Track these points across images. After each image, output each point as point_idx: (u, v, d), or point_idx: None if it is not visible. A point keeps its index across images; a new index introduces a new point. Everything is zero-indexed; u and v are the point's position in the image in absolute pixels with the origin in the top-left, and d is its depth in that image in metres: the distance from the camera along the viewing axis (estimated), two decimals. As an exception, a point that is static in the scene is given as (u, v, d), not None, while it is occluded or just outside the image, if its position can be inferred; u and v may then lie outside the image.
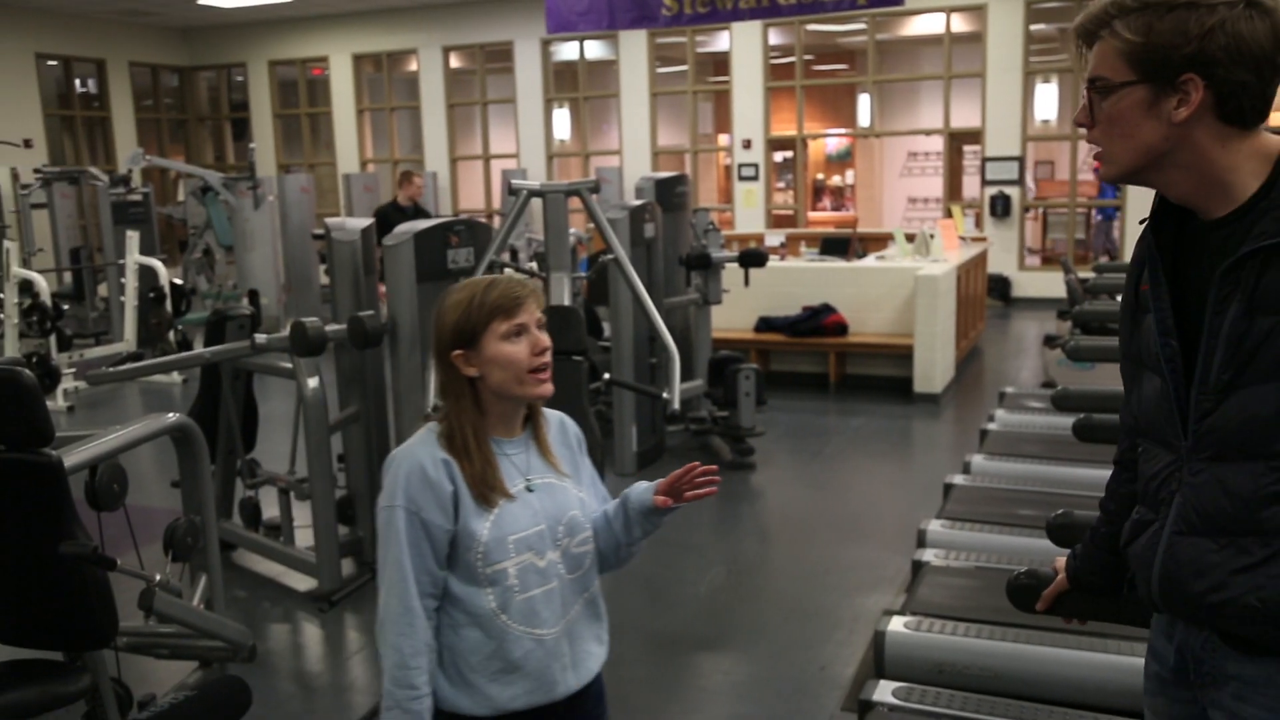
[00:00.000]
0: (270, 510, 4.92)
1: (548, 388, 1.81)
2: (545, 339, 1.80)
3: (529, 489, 1.83)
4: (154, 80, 16.59)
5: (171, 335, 8.88)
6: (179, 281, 9.55)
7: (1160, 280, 1.51)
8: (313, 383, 4.31)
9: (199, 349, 4.93)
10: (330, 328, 4.26)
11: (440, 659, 1.80)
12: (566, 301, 4.76)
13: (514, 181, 4.82)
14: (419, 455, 1.78)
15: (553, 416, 1.96)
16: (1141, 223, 1.58)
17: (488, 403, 1.82)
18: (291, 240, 11.90)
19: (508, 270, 4.36)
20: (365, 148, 16.05)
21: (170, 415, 3.12)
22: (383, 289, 4.69)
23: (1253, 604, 1.44)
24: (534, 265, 5.94)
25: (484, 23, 14.62)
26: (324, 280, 10.21)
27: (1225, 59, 1.37)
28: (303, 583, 4.57)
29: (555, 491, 1.85)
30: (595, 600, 1.92)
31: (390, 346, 4.42)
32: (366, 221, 4.85)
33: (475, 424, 1.80)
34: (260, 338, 4.37)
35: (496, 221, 12.43)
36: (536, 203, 4.91)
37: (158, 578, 2.80)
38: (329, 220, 4.90)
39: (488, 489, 1.78)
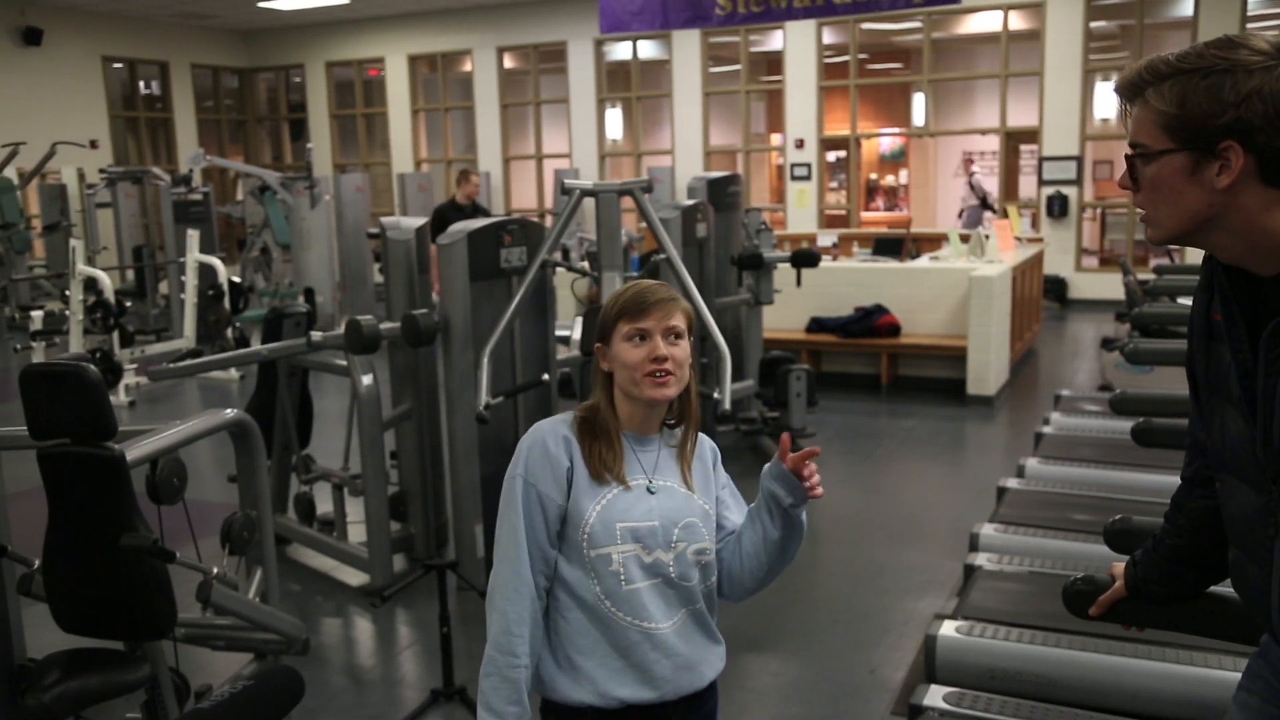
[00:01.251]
0: (324, 506, 4.99)
1: (662, 392, 1.82)
2: (665, 349, 1.80)
3: (650, 489, 1.84)
4: (215, 82, 16.89)
5: (230, 332, 9.04)
6: (237, 279, 9.72)
7: (1236, 320, 1.45)
8: (367, 380, 4.36)
9: (256, 346, 5.01)
10: (384, 326, 4.30)
11: (549, 642, 1.83)
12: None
13: (566, 181, 4.84)
14: (544, 430, 1.85)
15: (705, 438, 1.98)
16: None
17: (619, 399, 1.87)
18: (347, 239, 12.04)
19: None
20: (420, 148, 16.20)
21: (228, 411, 3.17)
22: (437, 287, 4.74)
23: None
24: (586, 264, 5.96)
25: (537, 23, 14.69)
26: (378, 279, 10.32)
27: (1265, 125, 1.31)
28: (355, 578, 4.63)
29: (677, 496, 1.86)
30: (704, 618, 1.90)
31: (443, 345, 4.45)
32: (421, 220, 4.90)
33: (609, 414, 1.86)
34: (316, 335, 4.43)
35: (549, 221, 12.50)
36: (589, 202, 4.92)
37: (215, 570, 2.85)
38: (384, 219, 4.95)
39: (605, 467, 1.81)
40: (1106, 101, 12.24)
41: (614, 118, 14.87)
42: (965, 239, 8.93)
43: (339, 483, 4.75)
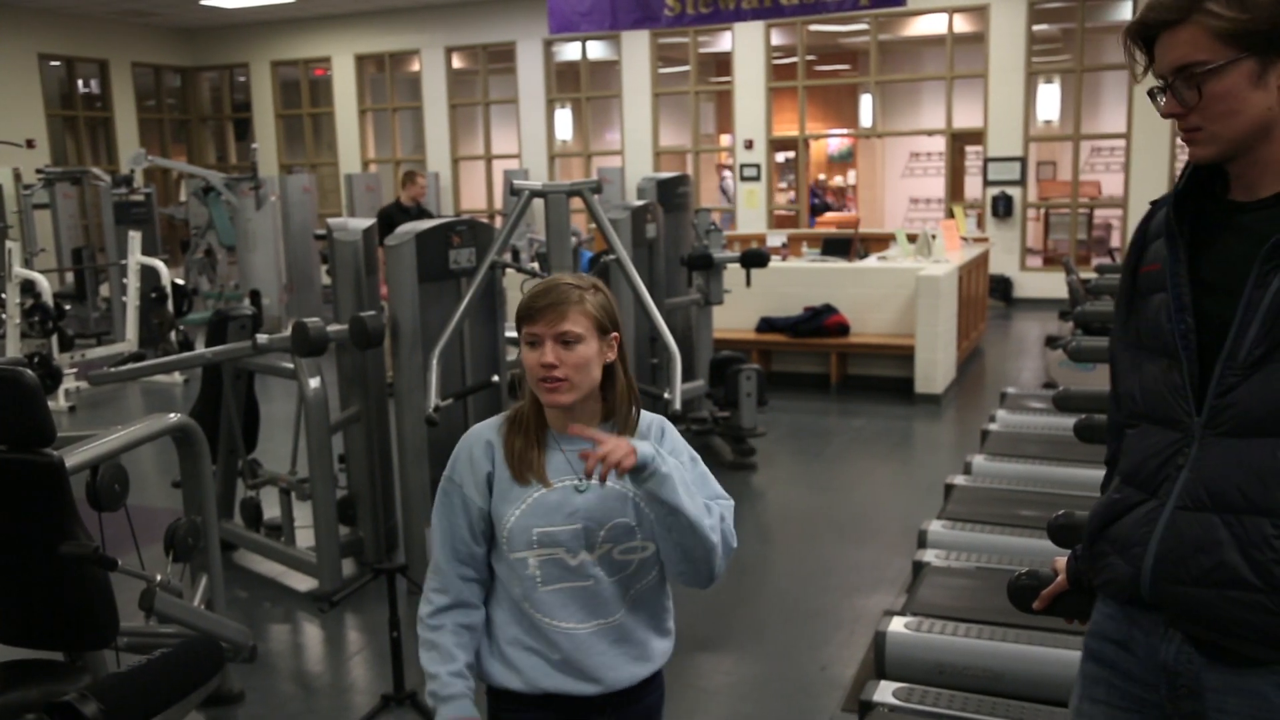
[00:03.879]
0: (271, 510, 4.93)
1: (554, 398, 1.79)
2: (552, 355, 1.76)
3: (578, 489, 1.81)
4: (156, 80, 16.61)
5: (173, 335, 8.89)
6: (181, 282, 9.56)
7: (1180, 258, 1.53)
8: (314, 383, 4.31)
9: (201, 349, 4.94)
10: (332, 328, 4.26)
11: (487, 629, 1.88)
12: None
13: (516, 182, 4.82)
14: (472, 435, 1.89)
15: (653, 423, 1.91)
16: (1154, 204, 1.63)
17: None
18: (293, 240, 11.91)
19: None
20: (367, 148, 16.06)
21: (171, 415, 3.12)
22: (385, 289, 4.69)
23: (1253, 582, 1.44)
24: (536, 265, 5.94)
25: (486, 23, 14.62)
26: (326, 280, 10.21)
27: None
28: (303, 583, 4.58)
29: (610, 496, 1.81)
30: (650, 608, 1.89)
31: (392, 347, 4.42)
32: (368, 221, 4.85)
33: (534, 410, 1.85)
34: (262, 338, 4.37)
35: (498, 222, 12.44)
36: (538, 203, 4.90)
37: (158, 578, 2.80)
38: (331, 220, 4.90)
39: (524, 467, 1.81)
40: (1049, 103, 12.45)
41: (563, 118, 14.85)
42: (913, 239, 9.03)
43: (286, 487, 4.70)
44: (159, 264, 9.29)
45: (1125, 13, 11.94)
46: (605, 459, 1.62)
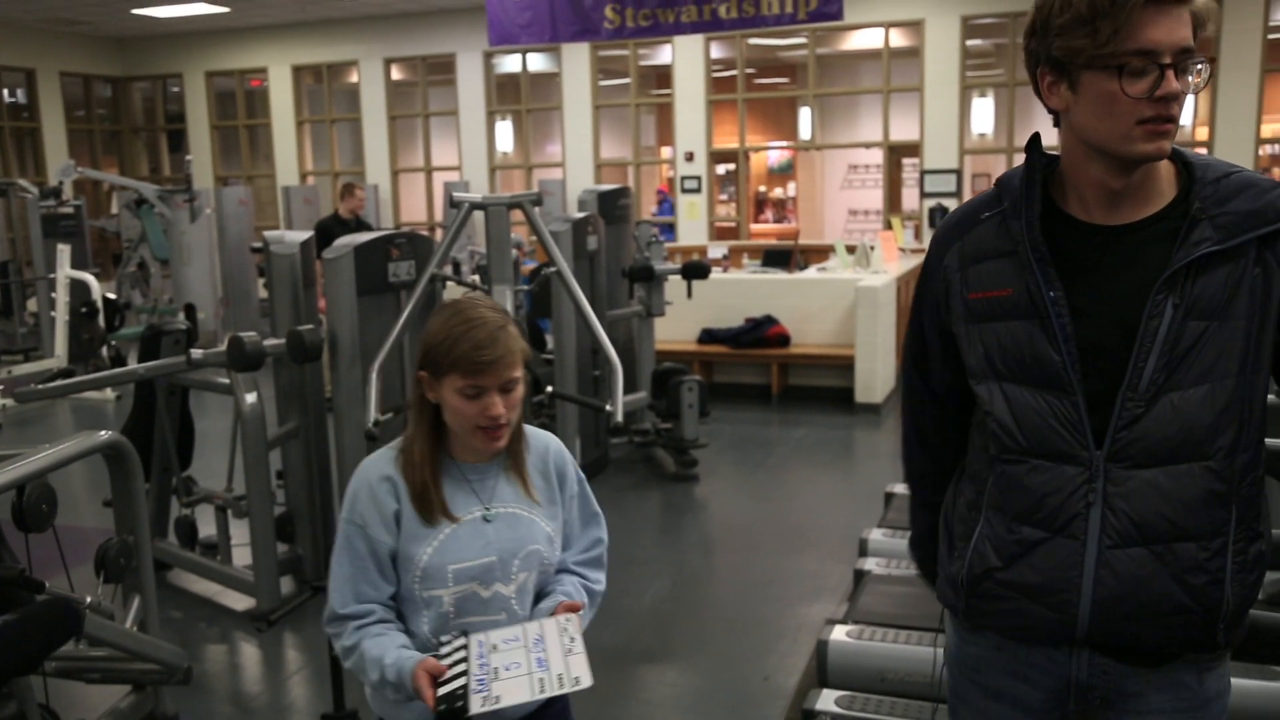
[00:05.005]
0: (207, 529, 4.83)
1: (495, 445, 1.77)
2: (501, 407, 1.73)
3: (486, 518, 1.78)
4: (86, 90, 16.27)
5: (104, 351, 8.69)
6: (112, 296, 9.37)
7: (1056, 283, 1.47)
8: (250, 398, 4.24)
9: (133, 365, 4.83)
10: (269, 342, 4.20)
11: None
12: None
13: (455, 194, 4.80)
14: (369, 471, 1.80)
15: (538, 440, 1.90)
16: (986, 217, 1.55)
17: (450, 428, 1.79)
18: (229, 253, 11.71)
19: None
20: (305, 160, 15.87)
21: (102, 433, 3.05)
22: (323, 303, 4.64)
23: (1189, 605, 1.46)
24: (476, 278, 5.91)
25: (425, 35, 14.54)
26: (263, 294, 10.06)
27: None
28: (240, 602, 4.49)
29: (518, 523, 1.80)
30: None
31: (330, 361, 4.37)
32: (306, 234, 4.79)
33: (429, 444, 1.77)
34: (196, 353, 4.30)
35: (439, 234, 12.36)
36: (479, 215, 4.88)
37: (88, 600, 2.73)
38: (267, 233, 4.83)
39: (429, 507, 1.75)
40: (983, 116, 12.68)
41: (504, 130, 14.80)
42: (851, 250, 9.13)
43: (222, 504, 4.61)
44: (89, 278, 9.08)
45: (1055, 29, 12.17)
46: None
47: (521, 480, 1.83)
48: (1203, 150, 10.86)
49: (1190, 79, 1.40)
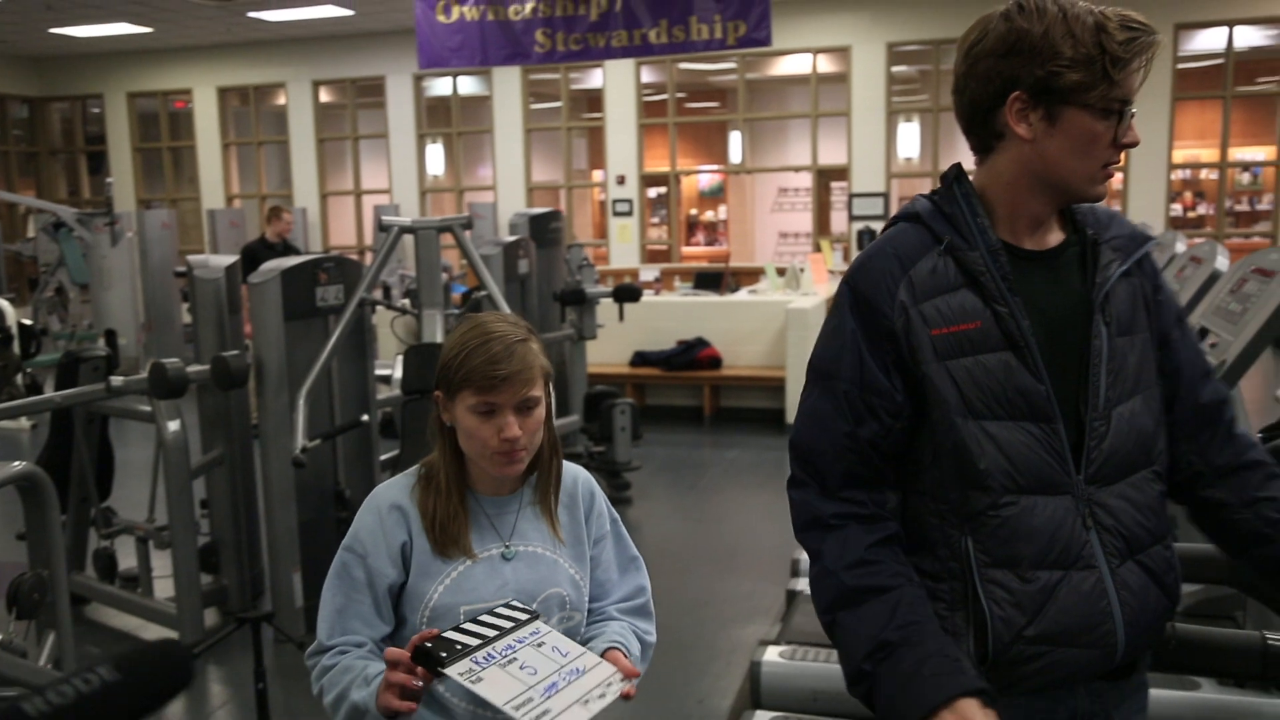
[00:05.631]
0: (127, 561, 4.70)
1: (512, 469, 1.63)
2: (516, 428, 1.58)
3: (505, 556, 1.64)
4: (1, 111, 15.86)
5: (19, 379, 8.43)
6: (28, 322, 9.09)
7: (1023, 313, 1.45)
8: (173, 426, 4.15)
9: (50, 393, 4.70)
10: (192, 368, 4.11)
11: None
12: (439, 339, 4.71)
13: (385, 218, 4.75)
14: (380, 499, 1.67)
15: (565, 474, 1.74)
16: (943, 253, 1.47)
17: (467, 455, 1.66)
18: (152, 278, 11.46)
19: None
20: (231, 183, 15.62)
21: (16, 464, 2.96)
22: (249, 328, 4.56)
23: (1169, 605, 1.52)
24: (406, 302, 5.85)
25: (354, 57, 14.44)
26: (187, 319, 9.86)
27: None
28: (162, 635, 4.37)
29: (539, 563, 1.66)
30: None
31: (257, 387, 4.29)
32: (231, 258, 4.72)
33: (453, 470, 1.65)
34: (116, 380, 4.19)
35: (368, 258, 12.22)
36: (409, 238, 4.84)
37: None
38: (192, 257, 4.75)
39: (448, 541, 1.62)
40: (909, 141, 12.93)
41: (435, 153, 14.73)
42: (782, 272, 9.23)
43: (144, 535, 4.49)
44: (3, 303, 8.81)
45: (976, 56, 12.48)
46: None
47: (548, 516, 1.69)
48: (1119, 177, 11.21)
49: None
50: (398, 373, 6.19)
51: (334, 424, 4.46)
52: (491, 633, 1.53)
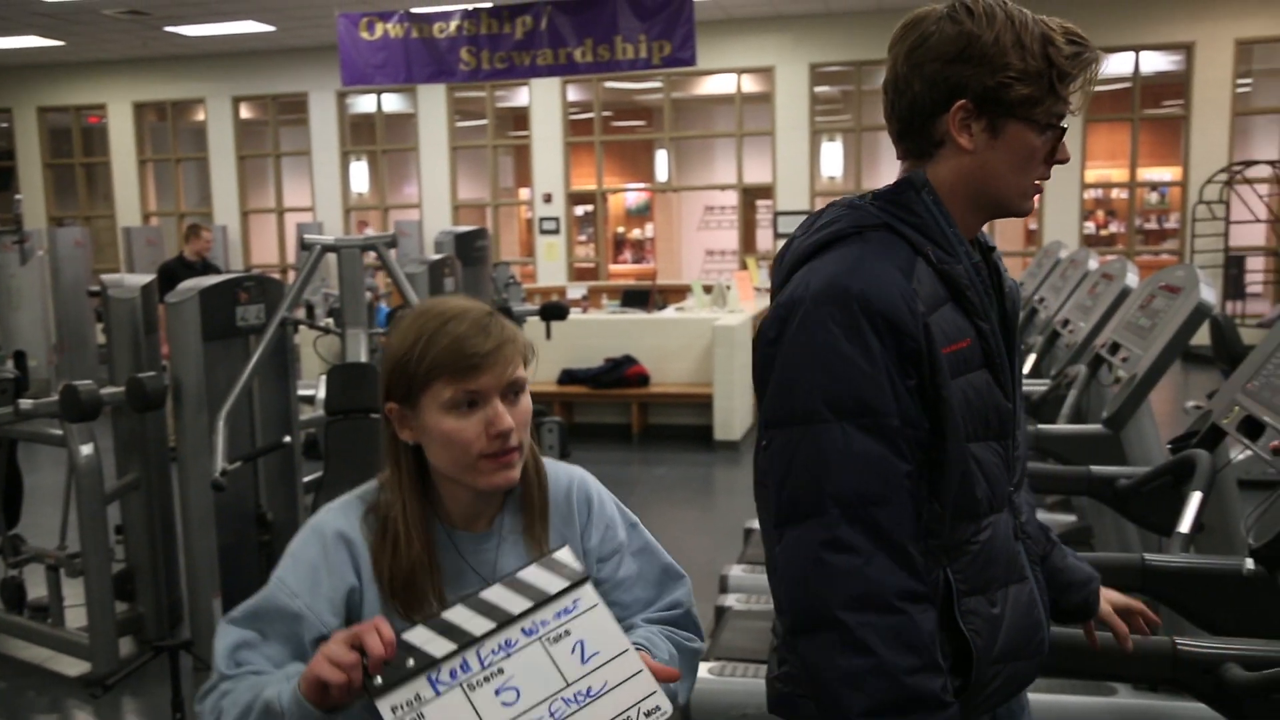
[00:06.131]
0: (37, 590, 4.54)
1: (507, 476, 1.32)
2: (508, 418, 1.29)
3: None
4: (-95, 126, 15.33)
5: (-76, 402, 8.12)
6: (-67, 343, 8.77)
7: (997, 326, 1.41)
8: (86, 450, 4.03)
9: (-46, 417, 4.53)
10: (106, 390, 4.00)
11: None
12: (363, 358, 4.65)
13: (307, 236, 4.68)
14: (323, 527, 1.33)
15: (557, 484, 1.43)
16: (940, 263, 1.36)
17: (437, 480, 1.35)
18: (64, 297, 11.13)
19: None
20: (148, 200, 15.28)
21: (-83, 491, 2.84)
22: (166, 348, 4.45)
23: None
24: (330, 321, 5.77)
25: (275, 73, 14.24)
26: (101, 340, 9.59)
27: None
28: (74, 667, 4.22)
29: None
30: None
31: (175, 409, 4.19)
32: (148, 277, 4.61)
33: (414, 503, 1.32)
34: (26, 403, 4.06)
35: (291, 277, 12.04)
36: (333, 257, 4.78)
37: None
38: (106, 277, 4.62)
39: (413, 599, 1.28)
40: (832, 160, 13.14)
41: (359, 171, 14.58)
42: (708, 290, 9.29)
43: (55, 563, 4.34)
44: (-93, 324, 8.50)
45: (896, 78, 12.76)
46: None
47: (538, 548, 1.36)
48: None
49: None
50: (321, 393, 6.10)
51: (255, 446, 4.37)
52: (486, 625, 1.17)
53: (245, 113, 14.89)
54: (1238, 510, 2.60)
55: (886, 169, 14.38)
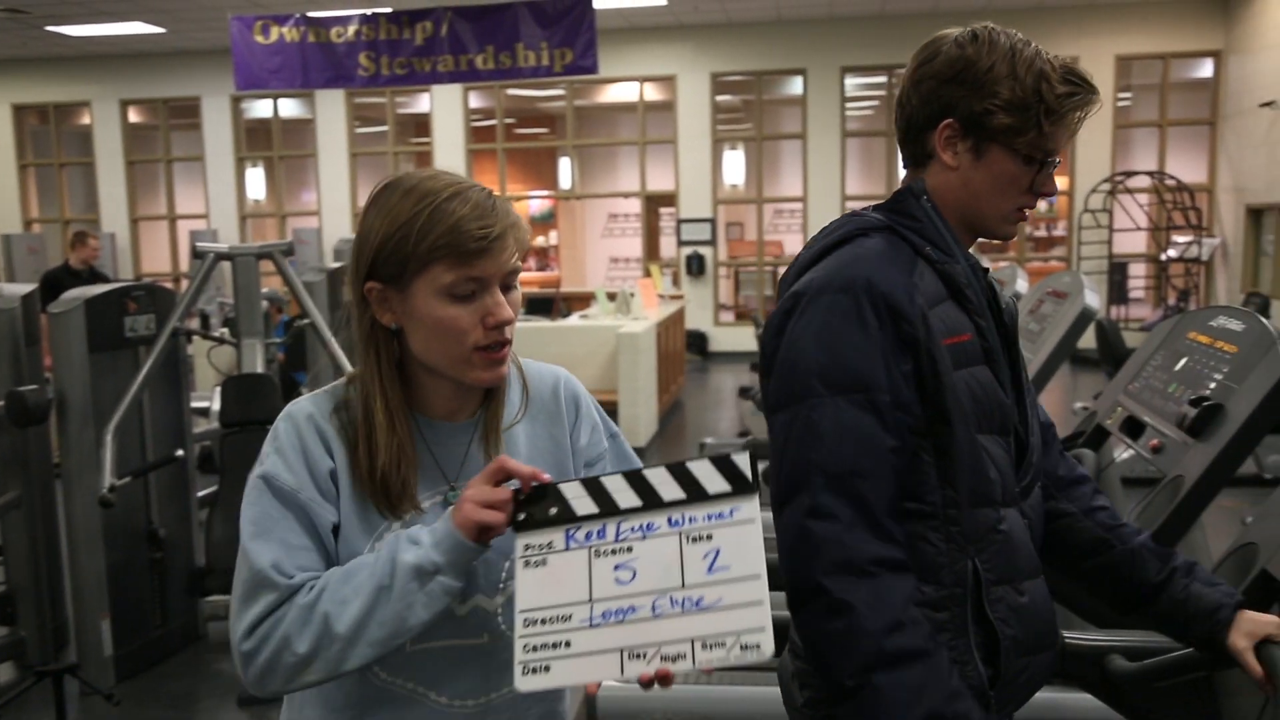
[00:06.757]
0: (-89, 615, 4.32)
1: (500, 371, 1.27)
2: (507, 308, 1.24)
3: (448, 502, 1.27)
4: None
5: None
6: None
7: (995, 331, 1.46)
8: (-38, 468, 3.85)
9: None
10: (-17, 405, 3.83)
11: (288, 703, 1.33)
12: (259, 369, 4.54)
13: (199, 244, 4.57)
14: (296, 416, 1.27)
15: (540, 377, 1.39)
16: (938, 263, 1.41)
17: (413, 369, 1.28)
18: (-60, 308, 10.64)
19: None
20: (30, 206, 14.69)
21: None
22: (49, 360, 4.28)
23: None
24: (225, 331, 5.62)
25: (166, 76, 13.83)
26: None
27: None
28: (-47, 695, 4.03)
29: None
30: None
31: (59, 424, 4.03)
32: (29, 287, 4.44)
33: (390, 393, 1.25)
34: (-104, 419, 3.86)
35: (185, 286, 11.68)
36: (228, 265, 4.66)
37: None
38: (-18, 286, 4.43)
39: (392, 492, 1.24)
40: (734, 168, 13.29)
41: (255, 177, 14.24)
42: (612, 297, 9.31)
43: (-71, 588, 4.14)
44: None
45: (796, 88, 12.99)
46: None
47: (498, 436, 1.32)
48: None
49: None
50: (216, 405, 5.94)
51: (146, 460, 4.23)
52: (634, 502, 1.18)
53: (134, 116, 14.42)
54: (1122, 507, 2.69)
55: (788, 178, 14.62)
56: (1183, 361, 2.37)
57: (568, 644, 1.10)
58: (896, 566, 1.30)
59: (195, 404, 4.80)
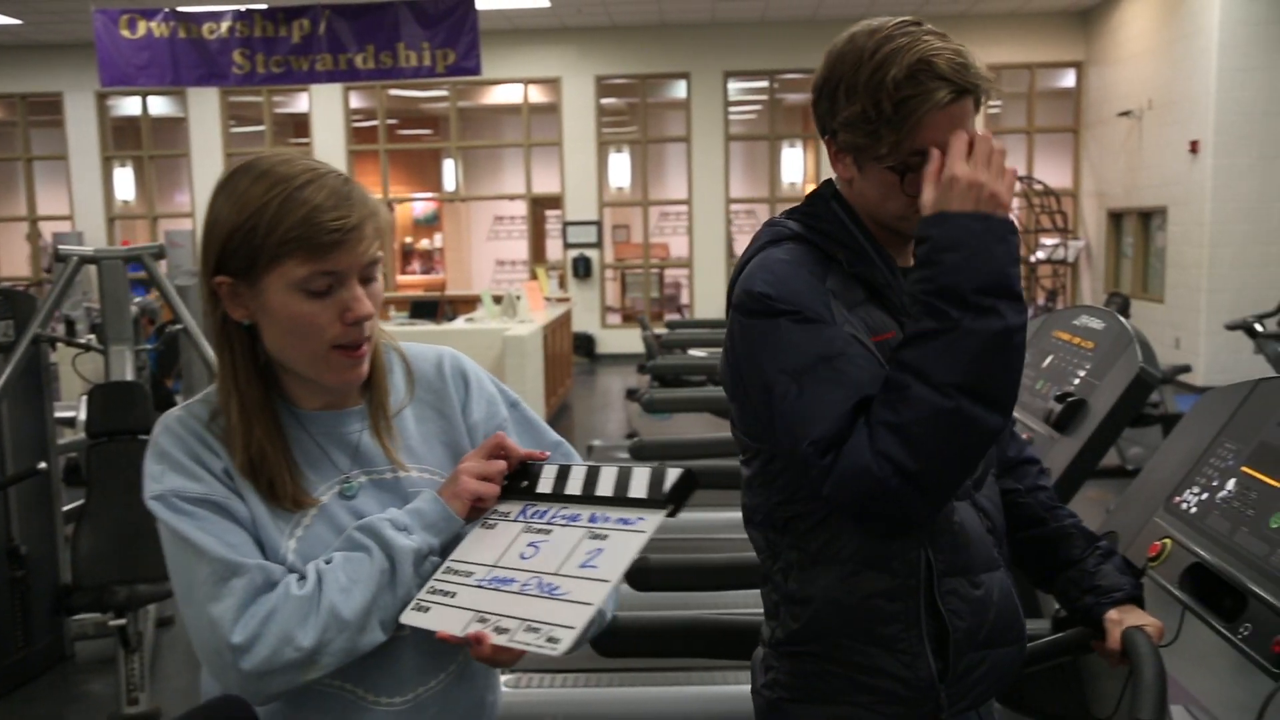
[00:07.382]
0: None
1: (356, 372, 1.21)
2: (367, 303, 1.18)
3: (344, 494, 1.23)
4: None
5: None
6: None
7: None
8: None
9: None
10: None
11: None
12: (129, 377, 4.36)
13: (62, 247, 4.36)
14: (174, 425, 1.21)
15: (423, 359, 1.35)
16: (851, 266, 1.39)
17: (277, 362, 1.22)
18: None
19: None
20: (-125, 207, 13.86)
21: None
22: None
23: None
24: (92, 338, 5.39)
25: (25, 70, 13.18)
26: None
27: None
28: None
29: (394, 490, 1.25)
30: (476, 668, 1.30)
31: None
32: None
33: (252, 389, 1.20)
34: None
35: (47, 290, 11.17)
36: (94, 269, 4.47)
37: None
38: None
39: (276, 495, 1.19)
40: (620, 171, 13.34)
41: (124, 177, 13.69)
42: (498, 300, 9.24)
43: None
44: None
45: (680, 91, 13.10)
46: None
47: (390, 431, 1.28)
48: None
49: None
50: (83, 414, 5.68)
51: (4, 473, 4.03)
52: (578, 492, 1.23)
53: (-9, 113, 13.74)
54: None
55: (673, 181, 14.73)
56: (1049, 359, 2.47)
57: (453, 595, 1.14)
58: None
59: (60, 414, 4.58)
